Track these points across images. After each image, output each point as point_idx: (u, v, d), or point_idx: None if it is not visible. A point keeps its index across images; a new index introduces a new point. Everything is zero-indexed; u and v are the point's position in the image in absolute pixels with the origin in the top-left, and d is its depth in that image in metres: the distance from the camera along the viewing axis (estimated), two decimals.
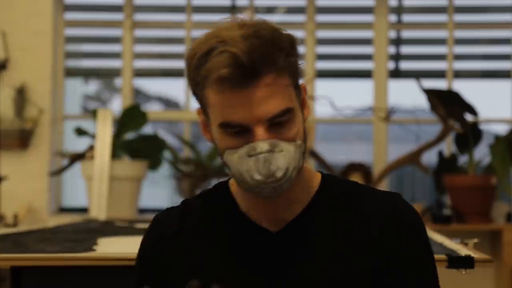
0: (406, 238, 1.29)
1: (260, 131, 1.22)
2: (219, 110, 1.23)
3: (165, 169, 4.79)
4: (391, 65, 4.94)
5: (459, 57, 4.92)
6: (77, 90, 5.37)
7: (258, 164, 1.22)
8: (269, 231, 1.31)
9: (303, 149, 1.27)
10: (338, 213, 1.30)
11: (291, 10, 5.06)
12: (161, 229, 1.36)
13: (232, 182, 1.37)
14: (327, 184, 1.35)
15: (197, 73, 1.24)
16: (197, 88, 1.26)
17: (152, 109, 5.42)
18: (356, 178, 4.51)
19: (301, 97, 1.30)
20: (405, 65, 5.00)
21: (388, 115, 4.59)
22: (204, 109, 1.28)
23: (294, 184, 1.27)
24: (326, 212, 1.31)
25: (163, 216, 1.39)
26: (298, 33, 4.30)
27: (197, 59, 1.23)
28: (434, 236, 2.46)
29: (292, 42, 1.25)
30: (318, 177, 1.36)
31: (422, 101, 4.57)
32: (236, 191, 1.35)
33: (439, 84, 4.87)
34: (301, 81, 1.30)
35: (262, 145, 1.22)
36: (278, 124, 1.23)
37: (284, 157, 1.23)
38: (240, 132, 1.23)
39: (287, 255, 1.29)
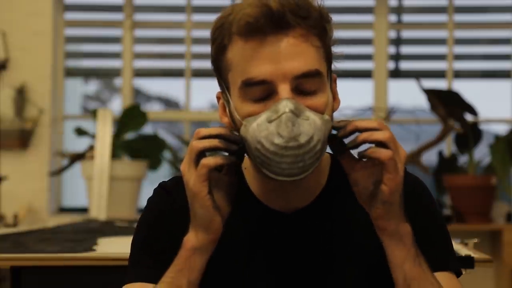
0: (420, 214, 1.28)
1: (284, 90, 1.14)
2: (243, 66, 1.16)
3: (165, 169, 4.79)
4: (391, 65, 4.94)
5: (459, 57, 4.92)
6: (77, 90, 5.37)
7: (280, 127, 1.12)
8: (282, 213, 1.26)
9: (329, 128, 1.17)
10: (350, 195, 1.22)
11: None
12: (172, 199, 1.28)
13: (244, 166, 1.29)
14: (338, 167, 1.27)
15: (221, 29, 1.18)
16: (220, 52, 1.20)
17: (152, 109, 5.42)
18: None
19: (332, 86, 1.23)
20: (405, 65, 5.00)
21: (388, 115, 4.59)
22: (224, 80, 1.21)
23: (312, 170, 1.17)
24: (338, 196, 1.28)
25: (172, 186, 1.31)
26: None
27: (222, 18, 1.19)
28: None
29: (327, 12, 1.21)
30: (328, 157, 1.31)
31: (422, 101, 4.57)
32: (249, 175, 1.28)
33: (439, 84, 4.87)
34: (333, 68, 1.24)
35: (286, 103, 1.12)
36: (305, 90, 1.16)
37: (309, 125, 1.13)
38: (263, 95, 1.16)
39: (301, 236, 1.26)
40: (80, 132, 4.46)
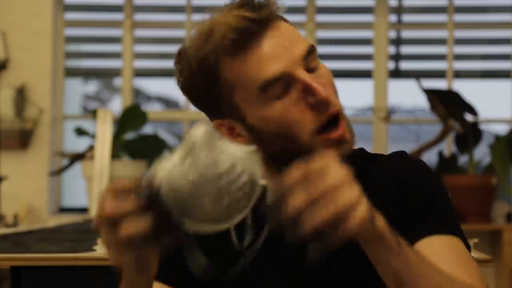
0: (424, 183, 1.25)
1: (301, 72, 1.16)
2: (250, 75, 1.15)
3: None
4: (391, 65, 4.94)
5: (459, 57, 4.92)
6: (77, 90, 5.37)
7: (193, 159, 0.94)
8: None
9: (258, 158, 1.09)
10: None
11: (291, 10, 5.06)
12: None
13: None
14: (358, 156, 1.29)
15: (206, 56, 1.17)
16: (211, 81, 1.18)
17: (152, 109, 5.42)
18: None
19: None
20: (405, 65, 5.00)
21: (388, 115, 4.59)
22: (229, 103, 1.19)
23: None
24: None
25: None
26: None
27: (200, 45, 1.17)
28: None
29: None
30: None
31: (422, 101, 4.57)
32: None
33: (439, 84, 4.87)
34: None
35: (196, 133, 0.96)
36: (312, 68, 1.18)
37: (228, 156, 0.97)
38: (284, 90, 1.15)
39: None
40: (80, 132, 4.47)
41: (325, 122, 1.16)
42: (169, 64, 5.12)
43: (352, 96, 4.93)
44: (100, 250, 2.09)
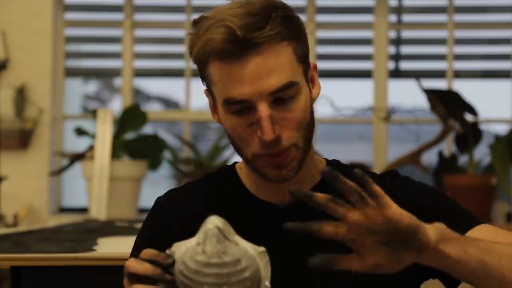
0: (423, 196, 1.31)
1: (263, 106, 1.20)
2: (221, 86, 1.23)
3: (165, 169, 4.80)
4: (391, 65, 4.94)
5: (459, 57, 4.92)
6: (77, 90, 5.37)
7: (204, 243, 1.05)
8: (277, 205, 1.32)
9: (266, 261, 1.10)
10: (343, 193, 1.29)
11: None
12: (165, 213, 1.36)
13: (239, 165, 1.37)
14: (333, 167, 1.35)
15: (197, 51, 1.25)
16: (201, 66, 1.27)
17: (152, 109, 5.42)
18: None
19: (310, 74, 1.29)
20: (405, 65, 5.00)
21: (388, 115, 4.59)
22: (209, 88, 1.29)
23: (303, 166, 1.27)
24: (331, 191, 1.30)
25: (165, 200, 1.39)
26: None
27: (196, 37, 1.26)
28: None
29: (288, 11, 1.24)
30: (324, 162, 1.38)
31: (422, 101, 4.57)
32: (243, 173, 1.35)
33: (439, 84, 4.87)
34: (309, 58, 1.29)
35: (213, 220, 1.06)
36: (281, 100, 1.21)
37: (238, 250, 1.06)
38: (243, 110, 1.22)
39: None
40: (80, 132, 4.47)
41: (267, 153, 1.23)
42: (169, 64, 5.15)
43: (352, 96, 4.94)
44: (100, 250, 2.09)
